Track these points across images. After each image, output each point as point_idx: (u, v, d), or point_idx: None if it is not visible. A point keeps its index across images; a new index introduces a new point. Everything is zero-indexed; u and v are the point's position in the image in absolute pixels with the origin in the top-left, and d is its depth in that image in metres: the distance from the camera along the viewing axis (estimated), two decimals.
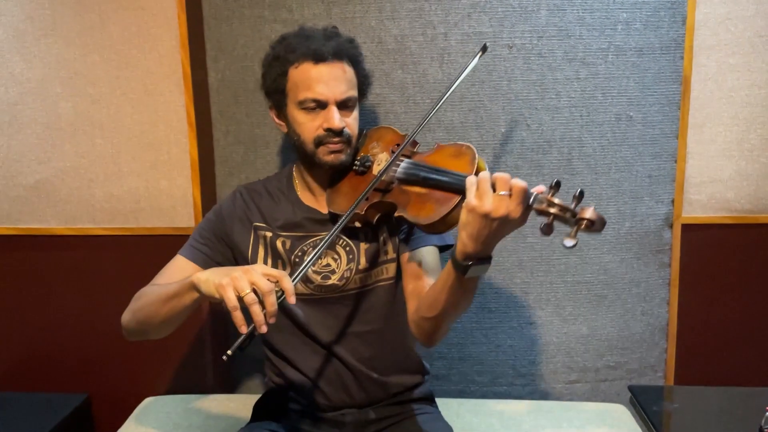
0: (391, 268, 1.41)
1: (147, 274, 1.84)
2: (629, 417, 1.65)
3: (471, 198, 1.04)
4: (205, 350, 1.89)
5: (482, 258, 1.09)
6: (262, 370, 1.90)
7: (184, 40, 1.73)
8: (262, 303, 1.06)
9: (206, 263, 1.40)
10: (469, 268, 1.09)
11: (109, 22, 1.76)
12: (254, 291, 1.06)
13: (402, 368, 1.46)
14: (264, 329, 1.05)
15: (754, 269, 1.83)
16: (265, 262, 1.40)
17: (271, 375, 1.49)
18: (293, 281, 1.10)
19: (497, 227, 1.03)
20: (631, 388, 1.29)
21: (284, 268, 1.39)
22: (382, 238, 1.40)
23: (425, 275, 1.34)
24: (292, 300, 1.08)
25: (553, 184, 1.02)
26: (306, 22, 1.71)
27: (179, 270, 1.39)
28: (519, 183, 1.01)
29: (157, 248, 1.84)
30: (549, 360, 1.84)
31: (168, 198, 1.84)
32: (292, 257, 1.39)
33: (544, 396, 1.85)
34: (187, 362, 1.92)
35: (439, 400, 1.55)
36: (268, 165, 1.80)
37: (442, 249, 1.42)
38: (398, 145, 1.36)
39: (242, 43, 1.76)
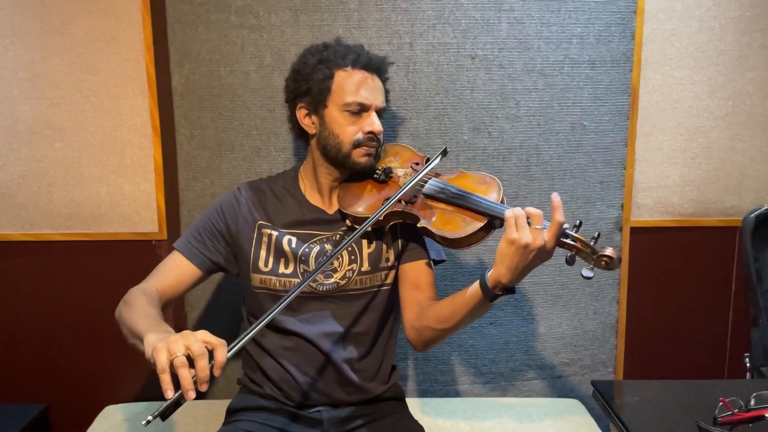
0: (391, 275, 1.48)
1: (109, 281, 1.84)
2: (584, 410, 1.75)
3: (511, 232, 1.18)
4: None
5: (510, 288, 1.24)
6: (226, 375, 1.90)
7: (149, 44, 1.72)
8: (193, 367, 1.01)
9: (203, 263, 1.44)
10: (498, 297, 1.24)
11: (72, 25, 1.73)
12: (187, 356, 1.01)
13: (381, 371, 1.50)
14: (191, 395, 0.99)
15: (697, 269, 1.96)
16: (267, 261, 1.44)
17: (248, 371, 1.51)
18: (230, 351, 1.06)
19: (532, 259, 1.18)
20: (594, 383, 1.37)
21: (287, 266, 1.44)
22: (385, 245, 1.46)
23: (424, 286, 1.46)
24: (216, 373, 1.03)
25: (577, 223, 1.22)
26: (273, 29, 1.74)
27: (176, 267, 1.43)
28: (556, 215, 1.17)
29: (120, 254, 1.83)
30: (509, 358, 1.91)
31: (131, 203, 1.81)
32: (299, 254, 1.43)
33: (505, 393, 1.92)
34: (148, 369, 1.89)
35: None
36: (233, 170, 1.81)
37: (436, 263, 1.53)
38: (417, 164, 1.50)
39: (208, 48, 1.76)
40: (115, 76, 1.76)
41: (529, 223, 1.18)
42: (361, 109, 1.41)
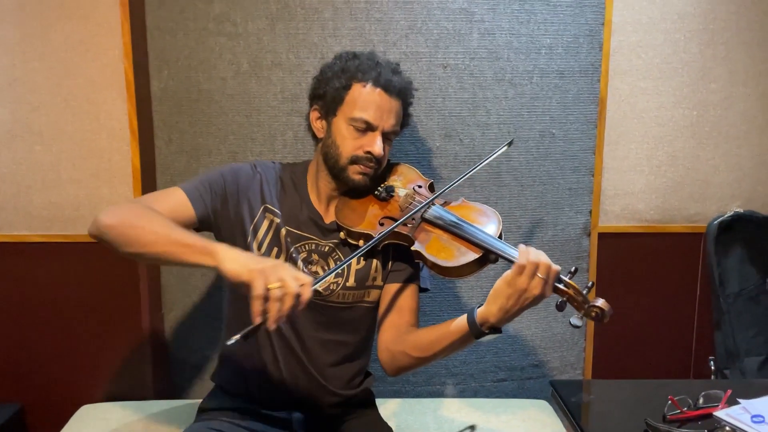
0: (375, 294, 1.47)
1: (85, 282, 1.86)
2: (551, 411, 1.78)
3: (516, 277, 1.17)
4: (145, 356, 1.89)
5: (497, 328, 1.24)
6: (202, 376, 1.93)
7: (128, 50, 1.75)
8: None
9: (202, 212, 1.39)
10: (484, 335, 1.24)
11: (51, 30, 1.76)
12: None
13: (354, 378, 1.51)
14: (274, 326, 1.09)
15: (663, 274, 2.01)
16: (261, 244, 1.42)
17: (221, 369, 1.51)
18: (314, 286, 1.16)
19: (527, 304, 1.19)
20: (552, 383, 1.41)
21: (278, 256, 1.41)
22: (374, 264, 1.45)
23: (405, 310, 1.44)
24: (301, 307, 1.12)
25: (572, 270, 1.23)
26: (250, 37, 1.77)
27: (177, 204, 1.36)
28: (554, 268, 1.18)
29: (97, 256, 1.86)
30: (479, 360, 1.95)
31: (109, 206, 1.83)
32: (290, 251, 1.41)
33: (475, 394, 1.96)
34: (125, 369, 1.92)
35: (376, 400, 1.62)
36: None
37: (420, 291, 1.51)
38: (420, 186, 1.48)
39: (186, 54, 1.79)
40: (94, 81, 1.79)
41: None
42: (367, 128, 1.38)
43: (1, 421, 1.82)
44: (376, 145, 1.38)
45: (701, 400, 1.25)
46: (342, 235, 1.42)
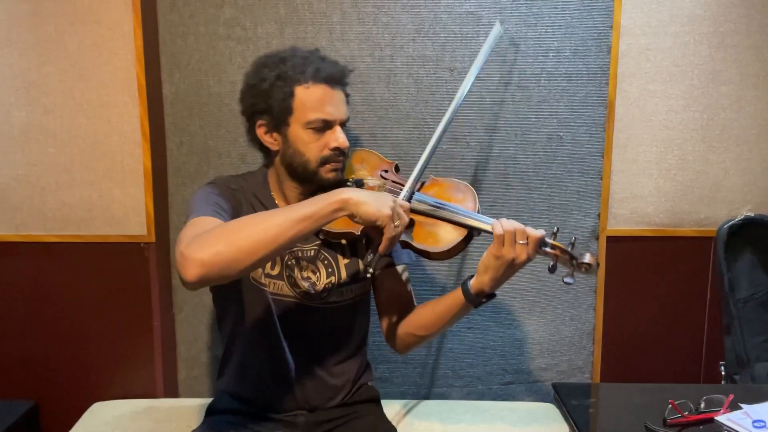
0: (367, 284, 1.50)
1: (98, 281, 1.90)
2: (557, 415, 1.77)
3: (498, 248, 1.26)
4: (155, 355, 1.92)
5: (492, 294, 1.35)
6: (212, 376, 1.96)
7: (140, 54, 1.78)
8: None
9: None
10: (482, 303, 1.34)
11: (65, 35, 1.79)
12: None
13: (357, 376, 1.53)
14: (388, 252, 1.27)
15: (672, 278, 1.99)
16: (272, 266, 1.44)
17: (227, 373, 1.53)
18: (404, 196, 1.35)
19: (514, 270, 1.29)
20: (554, 386, 1.41)
21: (273, 267, 1.42)
22: (361, 254, 1.48)
23: (400, 292, 1.50)
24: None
25: (555, 231, 1.29)
26: (259, 41, 1.79)
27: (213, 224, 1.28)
28: (534, 233, 1.26)
29: (109, 255, 1.89)
30: (486, 362, 1.95)
31: (120, 207, 1.87)
32: (285, 260, 1.42)
33: (481, 396, 1.96)
34: (136, 367, 1.95)
35: (382, 402, 1.63)
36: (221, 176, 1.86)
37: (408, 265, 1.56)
38: (387, 171, 1.48)
39: (197, 59, 1.82)
40: (106, 85, 1.82)
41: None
42: (325, 126, 1.37)
43: (15, 417, 1.86)
44: (341, 138, 1.38)
45: (702, 405, 1.24)
46: (321, 236, 1.41)
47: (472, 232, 1.33)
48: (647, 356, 2.03)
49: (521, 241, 1.25)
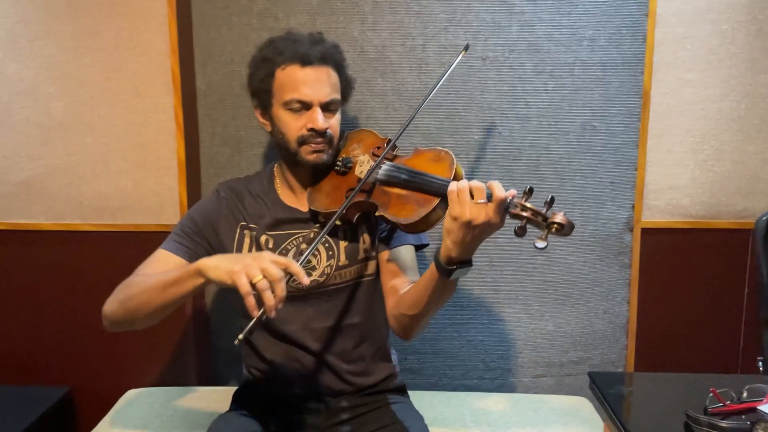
0: (371, 266, 1.48)
1: (132, 269, 1.90)
2: (591, 409, 1.76)
3: (454, 207, 1.15)
4: (188, 344, 1.94)
5: (464, 261, 1.21)
6: (242, 364, 1.97)
7: (174, 46, 1.80)
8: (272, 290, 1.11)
9: (190, 257, 1.42)
10: (453, 272, 1.20)
11: (102, 27, 1.83)
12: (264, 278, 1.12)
13: (375, 361, 1.52)
14: (273, 314, 1.11)
15: (709, 271, 1.96)
16: None
17: (249, 367, 1.54)
18: (300, 264, 1.17)
19: (479, 233, 1.16)
20: (590, 374, 1.38)
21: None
22: (361, 237, 1.47)
23: (403, 273, 1.44)
24: (305, 281, 1.15)
25: (527, 190, 1.15)
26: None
27: (164, 262, 1.41)
28: (498, 193, 1.12)
29: (143, 244, 1.88)
30: (517, 355, 1.94)
31: (155, 196, 1.90)
32: (281, 253, 1.44)
33: (512, 389, 1.95)
34: (169, 356, 1.98)
35: (412, 393, 1.62)
36: (252, 166, 1.88)
37: (418, 248, 1.52)
38: (379, 147, 1.45)
39: (230, 50, 1.84)
40: (141, 76, 1.85)
41: (472, 197, 1.15)
42: (303, 107, 1.39)
43: (50, 403, 1.89)
44: (318, 120, 1.38)
45: (745, 394, 1.21)
46: (321, 218, 1.44)
47: (446, 198, 1.22)
48: (682, 351, 1.99)
49: (480, 200, 1.13)
